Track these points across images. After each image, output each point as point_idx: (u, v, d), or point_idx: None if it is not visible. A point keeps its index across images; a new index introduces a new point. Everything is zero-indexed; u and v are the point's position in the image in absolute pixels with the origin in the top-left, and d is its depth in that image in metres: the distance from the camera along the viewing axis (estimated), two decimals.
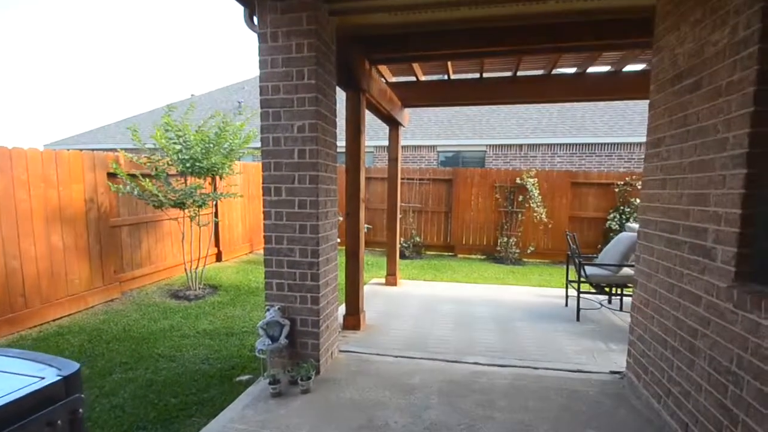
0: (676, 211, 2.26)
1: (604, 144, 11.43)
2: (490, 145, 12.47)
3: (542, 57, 4.46)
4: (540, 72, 5.05)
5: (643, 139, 11.27)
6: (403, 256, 8.38)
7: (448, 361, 3.22)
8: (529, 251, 7.93)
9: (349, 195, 4.01)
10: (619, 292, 4.42)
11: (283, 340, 2.98)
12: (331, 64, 3.09)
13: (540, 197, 7.76)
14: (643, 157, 8.88)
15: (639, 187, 7.34)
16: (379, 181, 8.71)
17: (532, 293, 5.51)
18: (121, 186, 5.00)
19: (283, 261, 3.04)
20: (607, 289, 4.31)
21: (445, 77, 5.33)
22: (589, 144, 11.55)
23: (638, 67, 4.72)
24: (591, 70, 4.87)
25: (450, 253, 8.71)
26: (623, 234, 4.39)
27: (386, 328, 4.08)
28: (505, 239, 8.03)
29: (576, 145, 11.67)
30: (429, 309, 4.76)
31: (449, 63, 4.66)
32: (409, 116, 6.17)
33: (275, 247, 3.05)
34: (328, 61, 3.02)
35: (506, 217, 8.14)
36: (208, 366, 3.46)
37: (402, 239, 8.62)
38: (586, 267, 4.23)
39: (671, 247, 2.29)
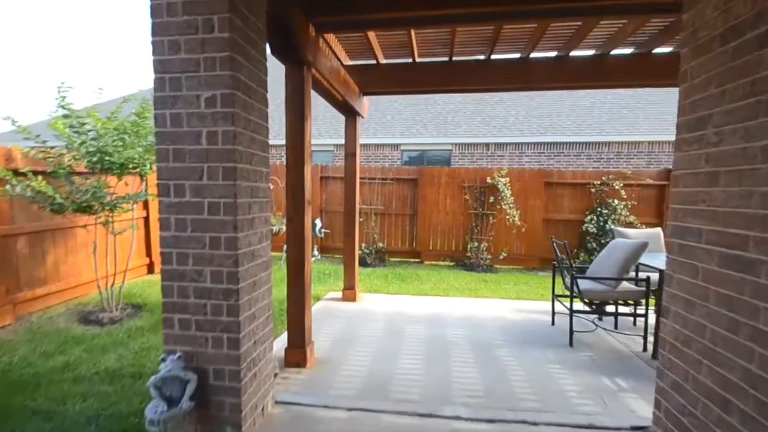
0: (740, 218, 1.60)
1: (572, 143, 11.23)
2: (455, 144, 11.94)
3: (522, 33, 3.82)
4: (518, 55, 4.43)
5: (611, 139, 11.26)
6: (364, 264, 7.57)
7: (419, 414, 2.43)
8: (501, 257, 7.37)
9: (290, 195, 3.13)
10: (612, 309, 3.87)
11: (185, 403, 2.06)
12: (256, 18, 2.22)
13: (512, 198, 7.22)
14: (612, 157, 8.57)
15: (616, 187, 6.99)
16: (339, 181, 7.83)
17: (510, 308, 4.87)
18: (8, 187, 3.87)
19: (189, 288, 2.13)
20: (597, 307, 3.71)
21: (410, 60, 4.58)
22: (557, 143, 11.31)
23: (626, 51, 4.21)
24: (575, 54, 4.32)
25: (416, 260, 7.99)
26: (618, 242, 3.83)
27: (340, 362, 3.24)
28: (476, 244, 7.43)
29: (544, 144, 11.40)
30: (394, 332, 3.97)
31: (413, 38, 3.91)
32: (368, 106, 5.36)
33: (177, 269, 2.13)
34: (250, 11, 2.14)
35: (476, 220, 7.55)
36: (94, 430, 2.48)
37: (363, 245, 7.81)
38: (579, 281, 3.61)
39: (732, 267, 1.63)
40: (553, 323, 4.20)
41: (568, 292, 4.07)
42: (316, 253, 8.03)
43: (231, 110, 2.01)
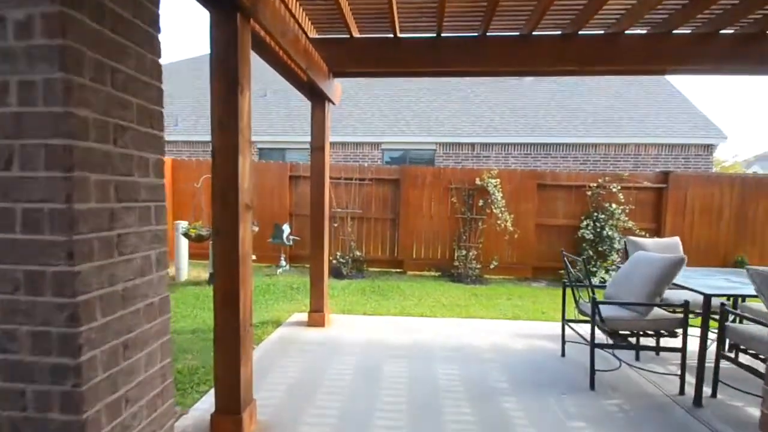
0: None
1: (559, 144, 10.67)
2: (439, 143, 11.21)
3: (524, 4, 3.10)
4: (517, 33, 3.68)
5: (597, 140, 10.69)
6: (339, 275, 6.67)
7: None
8: (491, 266, 6.61)
9: (218, 198, 2.23)
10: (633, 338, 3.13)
11: None
12: None
13: (503, 202, 6.48)
14: (598, 159, 7.95)
15: (613, 190, 6.34)
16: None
17: (509, 332, 4.08)
18: None
19: None
20: (621, 338, 2.95)
21: (390, 35, 3.76)
22: (543, 144, 10.73)
23: (641, 30, 3.52)
24: (584, 32, 3.60)
25: (398, 270, 7.16)
26: (642, 256, 3.09)
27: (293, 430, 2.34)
28: (464, 252, 6.65)
29: (531, 145, 10.80)
30: (368, 373, 3.10)
31: (394, 6, 3.12)
32: (341, 91, 4.50)
33: None
34: None
35: (464, 226, 6.78)
36: None
37: (338, 253, 6.91)
38: (600, 306, 2.84)
39: None
40: (563, 354, 3.43)
41: (582, 317, 3.32)
42: (284, 263, 7.09)
43: (61, 42, 1.11)
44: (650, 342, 3.38)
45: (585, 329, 3.40)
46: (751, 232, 6.40)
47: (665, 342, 3.16)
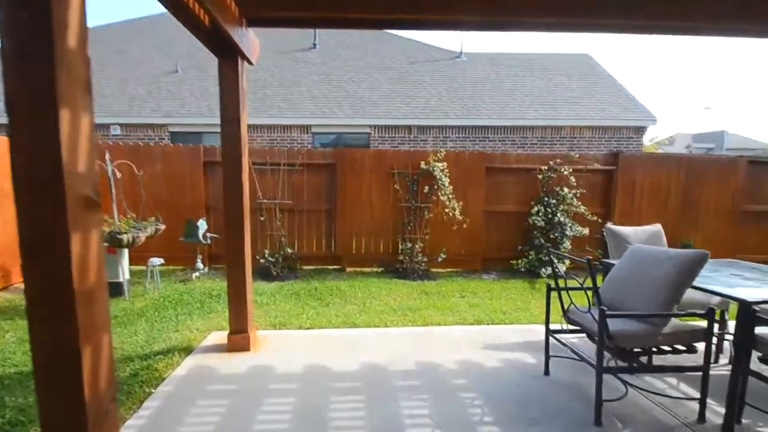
0: None
1: (497, 127, 10.54)
2: (374, 126, 10.45)
3: None
4: None
5: (534, 123, 10.57)
6: (268, 277, 5.65)
7: None
8: (439, 259, 6.08)
9: (20, 186, 1.21)
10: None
11: None
12: None
13: (451, 188, 5.94)
14: (535, 142, 7.62)
15: (565, 172, 6.13)
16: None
17: (475, 342, 3.50)
18: None
19: None
20: (631, 357, 2.45)
21: None
22: (481, 127, 10.52)
23: None
24: None
25: (336, 266, 6.31)
26: (641, 249, 2.64)
27: None
28: (409, 245, 6.02)
29: (468, 128, 10.53)
30: (311, 421, 2.27)
31: None
32: (259, 48, 3.45)
33: None
34: None
35: (409, 215, 6.13)
36: None
37: (267, 251, 5.86)
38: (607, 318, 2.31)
39: None
40: (546, 371, 2.91)
41: (568, 326, 2.82)
42: (201, 266, 5.84)
43: None
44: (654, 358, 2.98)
45: (567, 337, 2.93)
46: (696, 213, 6.66)
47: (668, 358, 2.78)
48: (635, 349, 2.33)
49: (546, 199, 6.10)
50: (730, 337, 2.99)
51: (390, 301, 4.71)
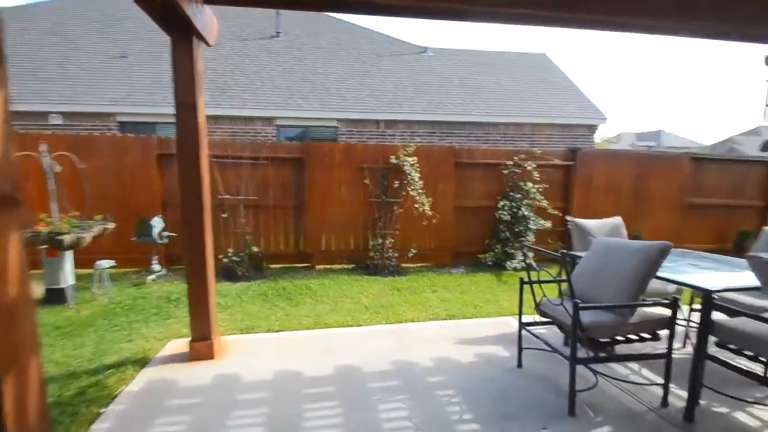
0: None
1: (462, 123, 10.67)
2: (342, 120, 10.25)
3: None
4: None
5: (497, 120, 10.82)
6: (233, 277, 5.37)
7: None
8: (410, 254, 6.05)
9: None
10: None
11: None
12: None
13: (421, 183, 5.91)
14: (498, 138, 7.79)
15: (529, 168, 6.27)
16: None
17: (449, 337, 3.48)
18: None
19: None
20: (600, 347, 2.50)
21: None
22: (447, 122, 10.60)
23: None
24: None
25: (305, 264, 6.12)
26: (608, 242, 2.71)
27: None
28: (379, 240, 5.95)
29: (435, 123, 10.58)
30: (285, 427, 2.14)
31: None
32: (217, 28, 3.21)
33: None
34: None
35: (379, 211, 6.05)
36: None
37: (231, 250, 5.57)
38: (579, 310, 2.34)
39: None
40: (519, 364, 2.94)
41: (540, 318, 2.86)
42: (157, 267, 5.45)
43: None
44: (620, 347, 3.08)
45: (537, 329, 2.97)
46: (645, 206, 7.05)
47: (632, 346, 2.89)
48: (603, 339, 2.38)
49: (511, 193, 6.23)
50: (684, 323, 3.18)
51: (362, 298, 4.61)
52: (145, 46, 10.91)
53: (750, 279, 2.52)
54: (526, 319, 2.95)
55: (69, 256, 4.35)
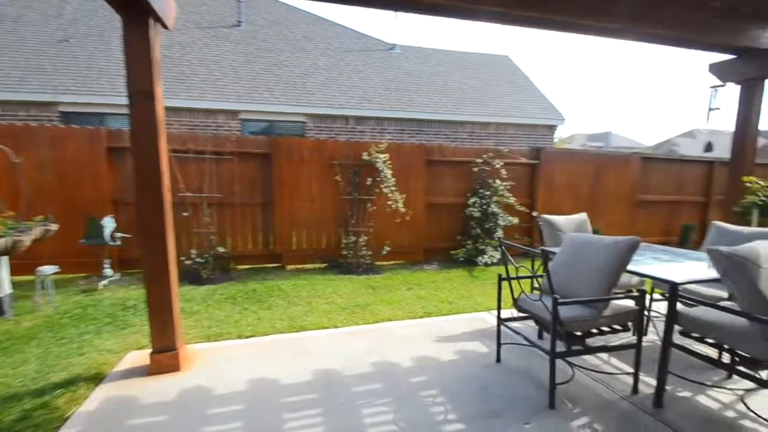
0: None
1: (431, 121, 10.74)
2: (310, 115, 9.99)
3: None
4: None
5: (464, 118, 11.04)
6: (197, 280, 5.07)
7: None
8: (383, 252, 6.00)
9: None
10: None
11: None
12: None
13: (393, 180, 5.86)
14: (465, 137, 8.03)
15: (497, 166, 6.40)
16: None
17: (428, 335, 3.46)
18: None
19: None
20: (576, 340, 2.56)
21: None
22: (417, 120, 10.63)
23: None
24: None
25: (275, 264, 5.90)
26: (580, 238, 2.78)
27: None
28: (353, 238, 5.84)
29: (405, 120, 10.57)
30: None
31: None
32: (176, 10, 2.97)
33: None
34: None
35: (351, 208, 5.94)
36: None
37: (194, 251, 5.25)
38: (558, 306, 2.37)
39: None
40: (498, 358, 2.97)
41: (518, 314, 2.89)
42: (110, 272, 5.03)
43: None
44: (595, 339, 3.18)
45: (515, 324, 3.02)
46: (601, 202, 7.41)
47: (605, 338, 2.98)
48: (581, 333, 2.44)
49: (481, 191, 6.33)
50: (646, 314, 3.35)
51: (337, 298, 4.49)
52: (91, 29, 10.06)
53: (704, 269, 2.70)
54: (503, 314, 2.97)
55: (5, 262, 3.89)
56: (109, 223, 4.96)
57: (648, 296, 3.54)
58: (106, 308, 4.07)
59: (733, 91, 4.60)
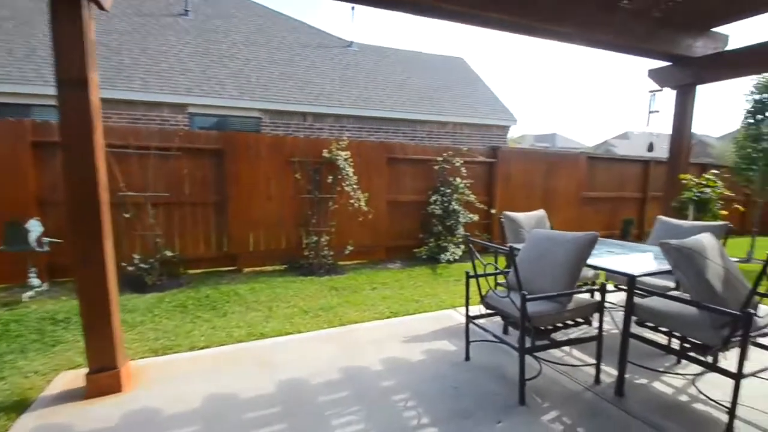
0: None
1: (390, 119, 10.72)
2: (266, 111, 9.59)
3: None
4: None
5: (423, 117, 11.04)
6: (142, 288, 4.64)
7: None
8: (346, 252, 5.85)
9: None
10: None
11: None
12: None
13: (355, 178, 5.74)
14: (423, 136, 8.10)
15: (457, 164, 6.48)
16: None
17: (396, 336, 3.39)
18: None
19: None
20: (542, 335, 2.59)
21: None
22: (376, 118, 10.56)
23: None
24: None
25: (231, 267, 5.56)
26: (542, 234, 2.83)
27: None
28: (314, 238, 5.64)
29: (364, 118, 10.46)
30: None
31: None
32: None
33: None
34: None
35: (313, 207, 5.74)
36: None
37: (137, 256, 4.80)
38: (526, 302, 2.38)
39: None
40: (467, 357, 2.96)
41: (485, 311, 2.90)
42: (36, 282, 4.45)
43: None
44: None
45: (481, 321, 3.03)
46: (553, 199, 7.75)
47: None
48: (544, 327, 2.48)
49: (442, 188, 6.39)
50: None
51: (299, 301, 4.29)
52: (10, 11, 8.94)
53: (651, 261, 2.87)
54: (471, 311, 2.97)
55: None
56: (35, 227, 4.40)
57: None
58: (32, 323, 3.59)
59: (670, 96, 4.97)
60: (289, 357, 2.97)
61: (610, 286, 3.82)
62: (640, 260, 2.98)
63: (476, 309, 3.06)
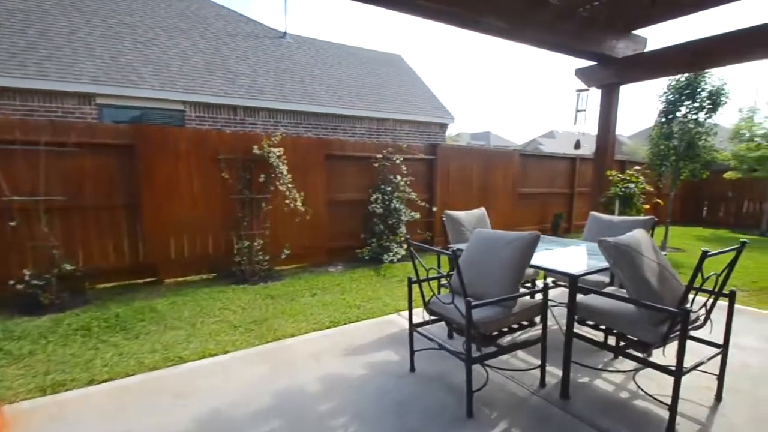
0: None
1: (329, 115, 10.35)
2: (190, 103, 8.75)
3: None
4: None
5: (362, 113, 10.85)
6: (36, 309, 3.92)
7: None
8: (283, 255, 5.45)
9: None
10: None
11: None
12: None
13: (290, 176, 5.36)
14: (363, 132, 8.00)
15: (397, 161, 6.34)
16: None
17: (336, 349, 3.13)
18: None
19: None
20: (489, 341, 2.50)
21: None
22: (314, 114, 10.14)
23: None
24: None
25: (149, 279, 4.91)
26: (484, 234, 2.73)
27: None
28: (246, 243, 5.18)
29: (301, 113, 9.99)
30: None
31: None
32: None
33: None
34: None
35: (244, 209, 5.26)
36: None
37: (29, 271, 4.03)
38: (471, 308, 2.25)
39: None
40: (412, 368, 2.79)
41: (429, 317, 2.76)
42: None
43: None
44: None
45: (426, 327, 2.88)
46: (490, 195, 7.94)
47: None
48: (491, 333, 2.39)
49: (383, 186, 6.23)
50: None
51: (228, 314, 3.86)
52: None
53: (584, 256, 2.93)
54: (415, 319, 2.81)
55: None
56: None
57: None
58: None
59: (596, 96, 5.26)
60: (211, 384, 2.59)
61: (548, 281, 3.93)
62: (576, 257, 3.03)
63: (420, 312, 2.91)
